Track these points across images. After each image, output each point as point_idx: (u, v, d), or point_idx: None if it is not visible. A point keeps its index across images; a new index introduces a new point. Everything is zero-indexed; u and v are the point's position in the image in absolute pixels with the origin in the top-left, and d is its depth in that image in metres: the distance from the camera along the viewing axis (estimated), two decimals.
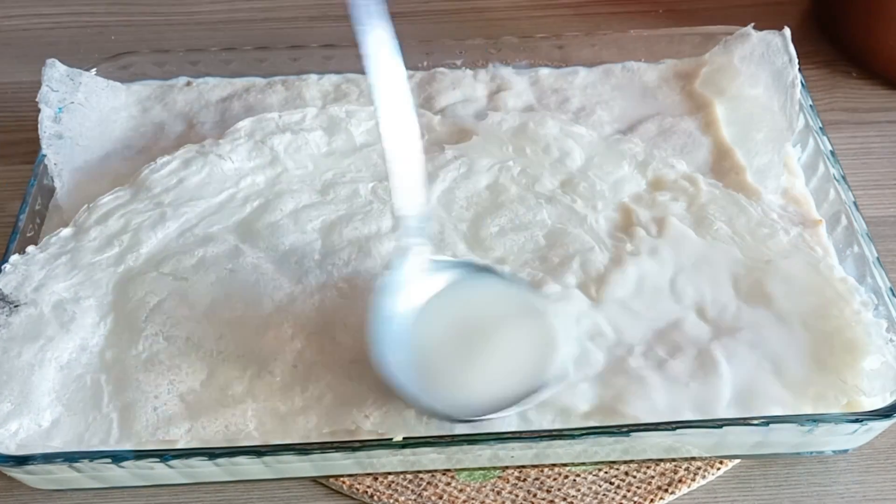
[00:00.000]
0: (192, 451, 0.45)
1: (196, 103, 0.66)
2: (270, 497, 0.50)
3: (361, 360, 0.50)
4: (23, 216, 0.56)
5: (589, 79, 0.67)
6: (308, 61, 0.68)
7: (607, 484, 0.49)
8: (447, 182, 0.59)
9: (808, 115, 0.61)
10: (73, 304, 0.51)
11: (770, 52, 0.62)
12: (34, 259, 0.53)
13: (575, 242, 0.55)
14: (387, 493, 0.49)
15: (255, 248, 0.55)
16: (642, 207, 0.57)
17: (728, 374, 0.48)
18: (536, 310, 0.48)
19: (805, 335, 0.50)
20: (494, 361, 0.46)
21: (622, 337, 0.50)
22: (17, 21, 0.79)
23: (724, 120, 0.63)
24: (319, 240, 0.56)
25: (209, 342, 0.50)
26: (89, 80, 0.64)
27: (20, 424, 0.47)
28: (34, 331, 0.50)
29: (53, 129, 0.60)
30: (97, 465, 0.45)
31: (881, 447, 0.51)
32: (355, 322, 0.51)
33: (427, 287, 0.49)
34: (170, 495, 0.49)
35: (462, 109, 0.65)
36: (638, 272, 0.53)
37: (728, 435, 0.46)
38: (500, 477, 0.49)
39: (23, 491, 0.49)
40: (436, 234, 0.56)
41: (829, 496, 0.49)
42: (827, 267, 0.52)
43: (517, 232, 0.56)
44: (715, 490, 0.49)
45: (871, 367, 0.47)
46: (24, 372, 0.48)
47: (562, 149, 0.60)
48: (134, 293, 0.52)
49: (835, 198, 0.56)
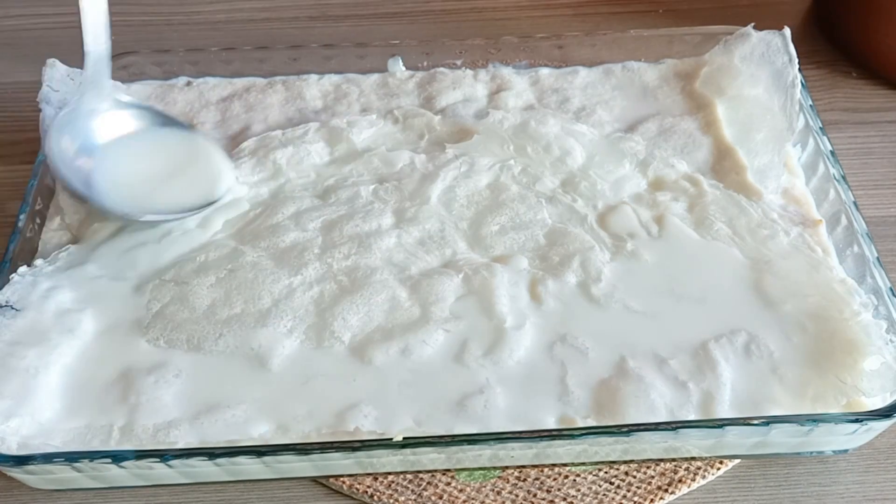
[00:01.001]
0: (192, 451, 0.45)
1: (196, 103, 0.66)
2: (270, 497, 0.50)
3: (361, 356, 0.50)
4: (23, 216, 0.56)
5: (589, 79, 0.67)
6: (308, 61, 0.68)
7: (607, 484, 0.49)
8: (448, 181, 0.59)
9: (808, 115, 0.61)
10: (78, 313, 0.52)
11: (770, 52, 0.62)
12: (42, 271, 0.54)
13: (575, 242, 0.55)
14: (387, 493, 0.49)
15: (256, 249, 0.55)
16: (643, 207, 0.57)
17: (727, 374, 0.48)
18: (210, 148, 0.60)
19: (804, 336, 0.50)
20: (173, 181, 0.57)
21: (622, 337, 0.50)
22: (17, 21, 0.79)
23: (725, 120, 0.63)
24: (320, 237, 0.56)
25: (209, 342, 0.50)
26: None
27: (22, 423, 0.47)
28: (39, 335, 0.50)
29: None
30: (97, 464, 0.45)
31: (881, 447, 0.51)
32: (355, 317, 0.51)
33: (115, 123, 0.58)
34: (170, 495, 0.50)
35: (462, 109, 0.65)
36: (638, 272, 0.53)
37: (728, 435, 0.46)
38: (500, 477, 0.49)
39: (23, 491, 0.49)
40: (436, 233, 0.56)
41: (829, 496, 0.49)
42: (826, 268, 0.53)
43: (518, 231, 0.56)
44: (715, 490, 0.49)
45: (871, 367, 0.47)
46: (28, 373, 0.49)
47: (563, 147, 0.60)
48: (137, 302, 0.53)
49: (835, 198, 0.56)
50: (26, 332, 0.50)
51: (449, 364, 0.50)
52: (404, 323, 0.51)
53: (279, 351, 0.50)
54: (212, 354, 0.50)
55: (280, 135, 0.63)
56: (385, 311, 0.52)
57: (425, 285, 0.53)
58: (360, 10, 0.79)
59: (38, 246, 0.57)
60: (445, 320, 0.51)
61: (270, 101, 0.66)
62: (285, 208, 0.58)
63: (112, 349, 0.51)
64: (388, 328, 0.51)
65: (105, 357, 0.50)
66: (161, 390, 0.49)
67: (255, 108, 0.66)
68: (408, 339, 0.50)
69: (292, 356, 0.50)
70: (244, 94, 0.67)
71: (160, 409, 0.48)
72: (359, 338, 0.51)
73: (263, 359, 0.50)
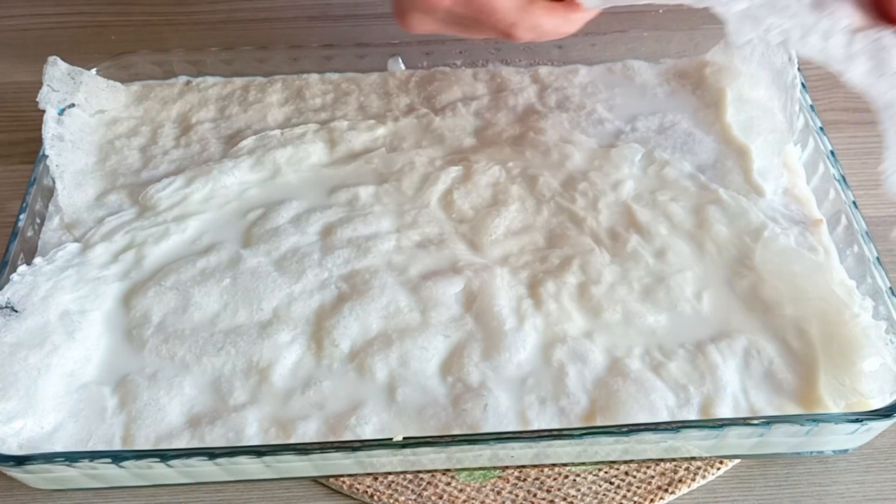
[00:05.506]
0: (192, 451, 0.45)
1: (196, 103, 0.66)
2: (270, 497, 0.50)
3: (361, 363, 0.50)
4: (23, 216, 0.56)
5: (589, 77, 0.67)
6: (308, 61, 0.68)
7: (607, 484, 0.49)
8: (448, 183, 0.59)
9: (808, 115, 0.61)
10: (79, 316, 0.52)
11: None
12: (41, 270, 0.54)
13: (575, 243, 0.55)
14: (387, 493, 0.49)
15: (256, 253, 0.55)
16: (643, 207, 0.57)
17: (727, 376, 0.48)
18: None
19: (804, 339, 0.50)
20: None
21: (621, 338, 0.51)
22: (17, 21, 0.79)
23: (725, 120, 0.63)
24: (319, 241, 0.56)
25: (210, 354, 0.50)
26: (90, 80, 0.64)
27: (24, 424, 0.47)
28: (40, 338, 0.50)
29: (56, 130, 0.60)
30: (97, 464, 0.45)
31: (881, 447, 0.51)
32: (355, 324, 0.51)
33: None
34: (170, 495, 0.50)
35: (463, 108, 0.65)
36: (638, 273, 0.53)
37: (728, 435, 0.46)
38: (500, 477, 0.49)
39: (23, 491, 0.49)
40: (436, 236, 0.56)
41: (829, 496, 0.49)
42: (826, 269, 0.52)
43: (518, 233, 0.56)
44: (715, 490, 0.49)
45: (871, 368, 0.47)
46: (30, 375, 0.49)
47: (562, 153, 0.60)
48: (138, 308, 0.53)
49: (835, 197, 0.56)
50: (27, 334, 0.50)
51: (449, 367, 0.50)
52: (404, 328, 0.51)
53: (280, 360, 0.50)
54: (213, 364, 0.50)
55: (279, 134, 0.63)
56: (385, 317, 0.52)
57: (425, 289, 0.53)
58: (360, 10, 0.79)
59: (37, 246, 0.57)
60: (445, 325, 0.51)
61: (270, 101, 0.66)
62: (285, 210, 0.58)
63: (113, 356, 0.51)
64: (387, 334, 0.51)
65: (105, 364, 0.51)
66: (163, 401, 0.49)
67: (254, 107, 0.66)
68: (408, 345, 0.50)
69: (293, 365, 0.50)
70: (244, 93, 0.67)
71: (162, 419, 0.48)
72: (359, 344, 0.51)
73: (264, 368, 0.50)
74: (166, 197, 0.58)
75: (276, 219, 0.57)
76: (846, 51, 0.48)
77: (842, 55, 0.48)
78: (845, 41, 0.48)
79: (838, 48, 0.48)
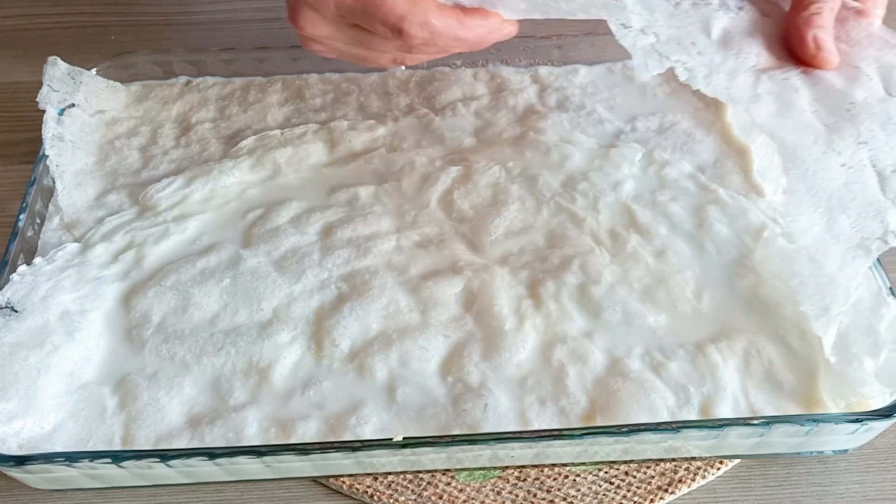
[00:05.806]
0: (192, 451, 0.45)
1: (196, 103, 0.66)
2: (270, 497, 0.50)
3: (361, 363, 0.50)
4: (23, 216, 0.56)
5: (589, 77, 0.67)
6: (308, 61, 0.68)
7: (607, 484, 0.49)
8: (448, 183, 0.59)
9: None
10: (79, 316, 0.52)
11: None
12: (41, 270, 0.54)
13: (575, 243, 0.55)
14: (387, 493, 0.49)
15: (256, 253, 0.55)
16: (643, 207, 0.57)
17: (727, 377, 0.48)
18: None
19: (803, 339, 0.50)
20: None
21: (621, 339, 0.51)
22: (17, 21, 0.79)
23: (725, 120, 0.63)
24: (319, 241, 0.56)
25: (210, 354, 0.50)
26: (90, 80, 0.64)
27: (24, 424, 0.47)
28: (40, 338, 0.50)
29: (56, 130, 0.60)
30: (97, 464, 0.45)
31: (881, 447, 0.51)
32: (355, 324, 0.51)
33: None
34: (170, 495, 0.50)
35: (463, 108, 0.65)
36: (638, 273, 0.53)
37: (728, 435, 0.46)
38: (500, 477, 0.49)
39: (23, 491, 0.49)
40: (436, 236, 0.56)
41: (829, 496, 0.49)
42: None
43: (518, 233, 0.56)
44: (715, 490, 0.49)
45: (870, 369, 0.47)
46: (30, 375, 0.49)
47: (562, 153, 0.60)
48: (138, 308, 0.53)
49: None
50: (27, 334, 0.50)
51: (449, 367, 0.50)
52: (404, 328, 0.51)
53: (280, 360, 0.50)
54: (212, 364, 0.50)
55: (279, 134, 0.63)
56: (385, 317, 0.52)
57: (425, 289, 0.53)
58: None
59: (37, 246, 0.57)
60: (445, 325, 0.51)
61: (270, 101, 0.66)
62: (285, 210, 0.58)
63: (113, 356, 0.51)
64: (387, 334, 0.51)
65: (105, 364, 0.51)
66: (163, 402, 0.48)
67: (254, 107, 0.66)
68: (408, 345, 0.50)
69: (293, 365, 0.50)
70: (244, 93, 0.67)
71: (162, 419, 0.48)
72: (359, 344, 0.51)
73: (264, 368, 0.50)
74: (166, 197, 0.59)
75: (276, 219, 0.57)
76: (752, 91, 0.47)
77: (748, 95, 0.47)
78: (752, 81, 0.47)
79: (744, 88, 0.47)
